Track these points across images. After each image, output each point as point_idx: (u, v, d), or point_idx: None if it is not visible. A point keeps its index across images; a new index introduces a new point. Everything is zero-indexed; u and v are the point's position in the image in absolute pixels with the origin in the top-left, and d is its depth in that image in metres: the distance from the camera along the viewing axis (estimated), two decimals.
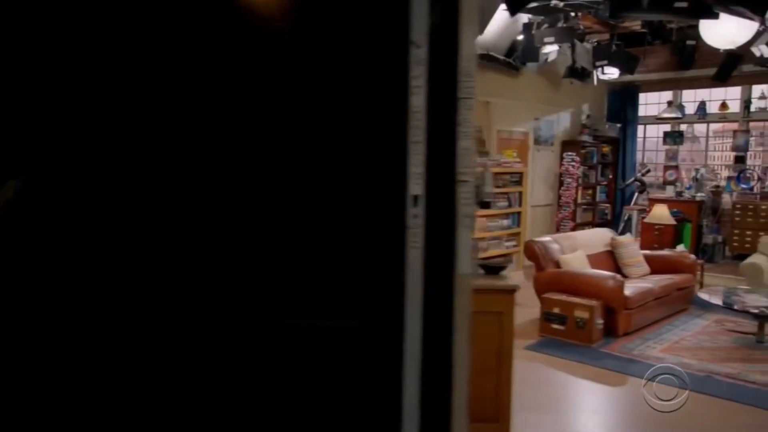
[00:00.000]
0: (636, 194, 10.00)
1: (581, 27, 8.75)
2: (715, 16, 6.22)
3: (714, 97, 9.97)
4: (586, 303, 5.36)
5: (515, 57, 8.12)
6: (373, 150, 2.20)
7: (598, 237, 6.78)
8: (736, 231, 9.04)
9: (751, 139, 9.61)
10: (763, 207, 8.72)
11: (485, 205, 2.88)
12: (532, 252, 6.08)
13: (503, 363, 3.31)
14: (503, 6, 6.84)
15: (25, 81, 0.98)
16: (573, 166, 9.21)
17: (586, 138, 9.80)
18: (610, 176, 10.58)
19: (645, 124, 10.73)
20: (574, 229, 9.22)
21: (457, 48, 2.83)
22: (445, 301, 2.85)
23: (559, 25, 7.74)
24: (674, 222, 7.77)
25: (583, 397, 4.39)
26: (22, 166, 0.98)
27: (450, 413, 2.86)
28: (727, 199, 9.38)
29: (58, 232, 0.99)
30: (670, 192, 9.54)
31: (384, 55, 2.38)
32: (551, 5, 6.73)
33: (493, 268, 3.55)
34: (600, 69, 8.72)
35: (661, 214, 7.40)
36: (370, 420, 2.38)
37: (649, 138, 10.84)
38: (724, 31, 6.53)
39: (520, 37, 8.00)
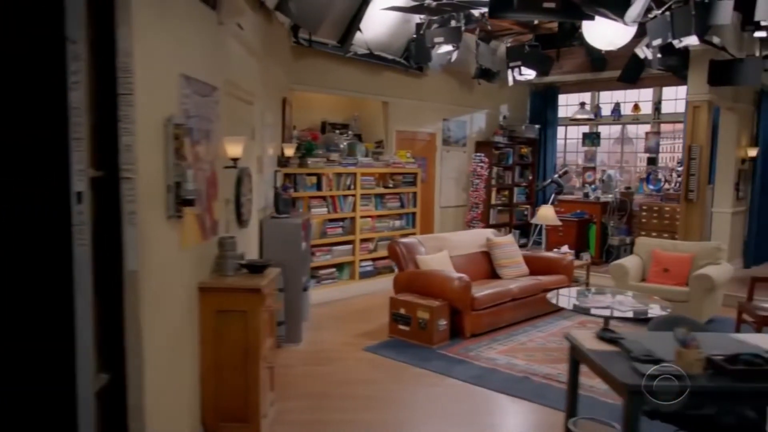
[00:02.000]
0: (553, 195, 9.97)
1: (489, 27, 8.76)
2: (588, 17, 6.22)
3: (628, 98, 9.96)
4: (427, 304, 5.33)
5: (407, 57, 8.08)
6: (30, 147, 2.16)
7: (473, 238, 6.75)
8: (642, 232, 9.02)
9: (662, 140, 9.59)
10: (667, 209, 8.72)
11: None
12: (394, 252, 6.06)
13: (250, 362, 3.28)
14: (382, 5, 6.88)
15: None
16: (481, 167, 9.18)
17: (499, 139, 9.77)
18: (530, 177, 10.56)
19: (566, 126, 10.72)
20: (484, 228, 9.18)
21: (115, 44, 2.78)
22: (115, 297, 2.80)
23: (452, 24, 7.72)
24: (559, 223, 7.75)
25: (362, 396, 4.35)
26: None
27: (126, 406, 2.80)
28: (638, 200, 9.38)
29: None
30: (579, 193, 9.53)
31: (37, 50, 2.32)
32: (425, 5, 6.72)
33: (256, 267, 3.52)
34: (517, 70, 8.68)
35: (545, 215, 7.38)
36: (44, 419, 2.32)
37: (571, 139, 10.83)
38: (603, 32, 6.50)
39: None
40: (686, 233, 7.49)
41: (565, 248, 7.36)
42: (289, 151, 6.24)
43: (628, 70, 8.37)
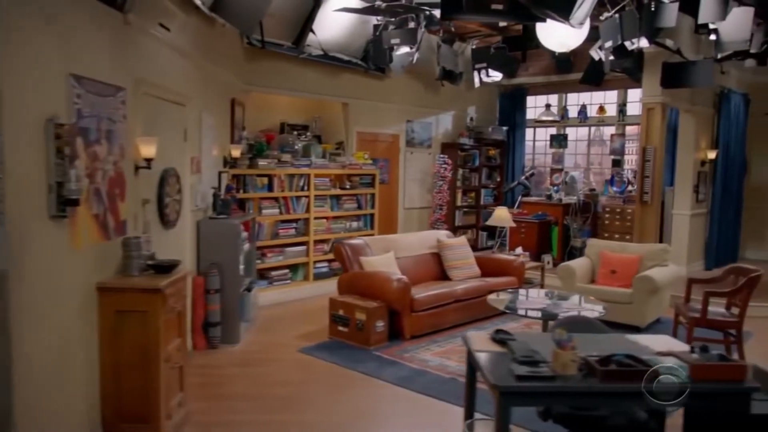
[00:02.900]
0: (520, 197, 9.98)
1: (453, 29, 8.77)
2: (537, 19, 6.24)
3: (595, 100, 9.98)
4: (364, 305, 5.33)
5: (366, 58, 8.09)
6: None
7: (424, 239, 6.75)
8: (605, 234, 9.04)
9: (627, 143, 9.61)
10: (629, 211, 8.72)
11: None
12: (339, 253, 6.06)
13: (151, 363, 3.27)
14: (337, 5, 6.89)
15: None
16: (445, 169, 9.18)
17: (465, 141, 9.77)
18: (498, 179, 10.56)
19: (534, 128, 10.73)
20: (449, 230, 9.19)
21: None
22: None
23: (410, 26, 7.73)
24: (513, 224, 7.75)
25: (282, 397, 4.34)
26: None
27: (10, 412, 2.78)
28: (603, 202, 9.39)
29: None
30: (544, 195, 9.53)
31: None
32: (375, 6, 6.72)
33: (163, 267, 3.52)
34: (484, 72, 8.68)
35: (500, 216, 7.38)
36: None
37: (540, 141, 10.83)
38: (555, 34, 6.51)
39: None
40: (641, 235, 7.50)
41: (519, 250, 7.36)
42: (236, 152, 6.24)
43: (590, 72, 8.37)
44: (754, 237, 9.71)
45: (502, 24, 8.49)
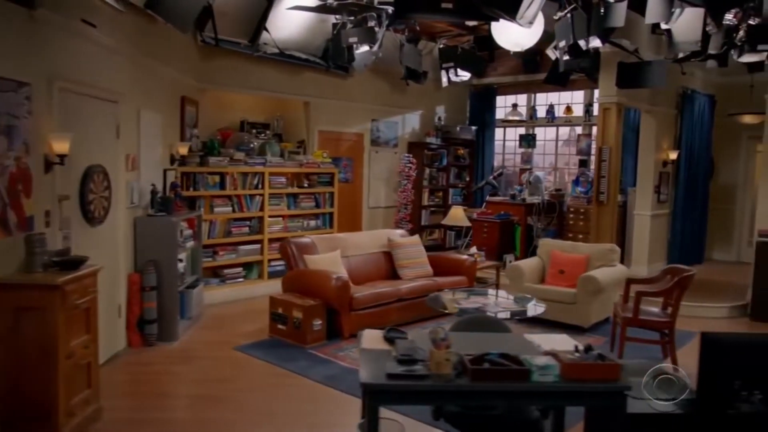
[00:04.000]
0: (488, 197, 9.97)
1: (418, 28, 8.75)
2: (487, 18, 6.23)
3: (562, 101, 9.97)
4: (301, 303, 5.33)
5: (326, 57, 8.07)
6: None
7: (374, 238, 6.74)
8: (569, 234, 9.04)
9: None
10: (593, 211, 8.70)
11: None
12: (284, 252, 6.05)
13: (50, 360, 3.26)
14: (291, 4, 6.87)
15: None
16: (409, 168, 9.18)
17: (432, 140, 9.76)
18: (467, 179, 10.56)
19: (504, 127, 10.72)
20: (413, 230, 9.18)
21: None
22: None
23: (372, 24, 7.71)
24: (469, 224, 7.75)
25: (201, 395, 4.33)
26: None
27: None
28: (569, 202, 9.39)
29: None
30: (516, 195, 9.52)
31: None
32: (327, 4, 6.71)
33: (68, 264, 3.51)
34: (452, 71, 8.66)
35: (456, 215, 7.37)
36: None
37: (509, 141, 10.82)
38: (510, 33, 6.52)
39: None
40: (598, 235, 7.49)
41: (473, 249, 7.35)
42: (183, 150, 6.23)
43: (553, 72, 8.36)
44: (720, 238, 9.71)
45: (471, 23, 8.50)
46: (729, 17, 6.32)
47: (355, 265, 6.29)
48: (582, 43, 6.17)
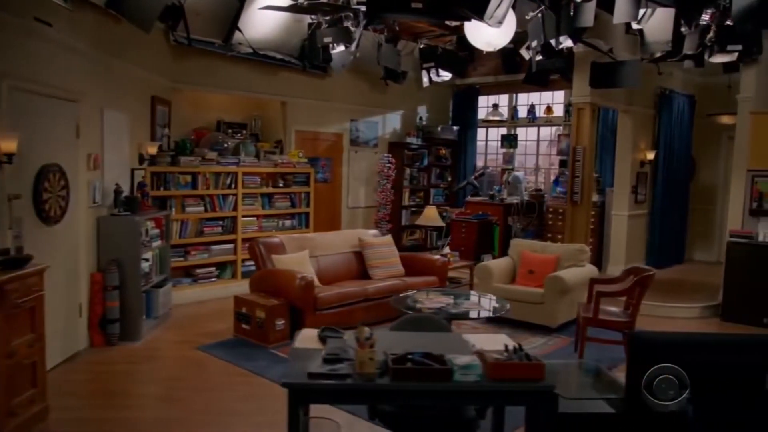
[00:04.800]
0: (469, 197, 9.96)
1: (397, 28, 8.75)
2: (458, 17, 6.23)
3: (543, 100, 9.96)
4: (264, 303, 5.32)
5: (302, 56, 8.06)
6: None
7: (344, 238, 6.73)
8: (549, 234, 9.03)
9: None
10: (567, 211, 8.69)
11: None
12: (253, 252, 6.04)
13: None
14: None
15: None
16: (388, 168, 9.17)
17: (412, 140, 9.76)
18: (450, 179, 10.55)
19: (486, 128, 10.72)
20: (392, 230, 9.18)
21: None
22: None
23: (348, 24, 7.71)
24: (443, 224, 7.74)
25: (154, 395, 4.32)
26: None
27: None
28: (549, 202, 9.38)
29: None
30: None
31: None
32: (298, 4, 6.71)
33: (12, 262, 3.50)
34: (434, 71, 8.67)
35: (429, 215, 7.37)
36: None
37: (492, 141, 10.81)
38: (482, 33, 6.51)
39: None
40: (572, 235, 7.48)
41: (446, 249, 7.35)
42: (152, 149, 6.23)
43: (531, 72, 8.36)
44: (702, 238, 9.68)
45: (453, 23, 8.50)
46: (705, 18, 6.33)
47: (324, 265, 6.28)
48: (554, 42, 6.17)
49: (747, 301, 6.36)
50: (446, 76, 8.57)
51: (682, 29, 6.28)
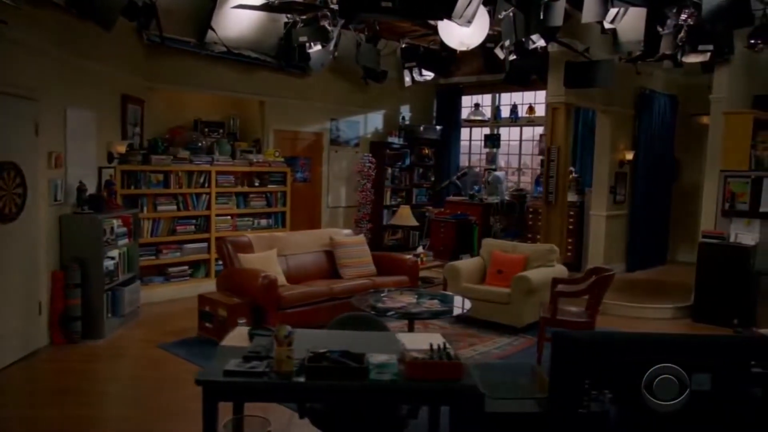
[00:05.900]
0: (450, 197, 9.95)
1: (377, 27, 8.74)
2: (429, 16, 6.24)
3: (526, 100, 9.94)
4: (226, 302, 5.32)
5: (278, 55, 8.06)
6: None
7: (315, 237, 6.72)
8: (529, 235, 9.01)
9: None
10: (542, 211, 8.66)
11: None
12: (220, 250, 6.04)
13: None
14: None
15: None
16: (369, 168, 9.16)
17: (394, 140, 9.75)
18: (433, 179, 10.54)
19: (470, 127, 10.70)
20: (371, 229, 9.18)
21: None
22: None
23: (323, 24, 7.70)
24: (416, 223, 7.73)
25: (100, 393, 4.33)
26: None
27: None
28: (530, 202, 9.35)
29: None
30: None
31: None
32: (269, 3, 6.71)
33: None
34: (416, 70, 8.66)
35: (403, 214, 7.36)
36: None
37: (476, 141, 10.79)
38: (455, 33, 6.49)
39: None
40: (547, 235, 7.46)
41: (420, 249, 7.33)
42: (121, 148, 6.24)
43: (512, 71, 8.34)
44: (685, 239, 9.61)
45: (435, 23, 8.49)
46: (683, 17, 6.30)
47: (293, 264, 6.28)
48: (525, 42, 6.16)
49: (718, 302, 6.32)
50: (428, 75, 8.56)
51: (659, 29, 6.26)
